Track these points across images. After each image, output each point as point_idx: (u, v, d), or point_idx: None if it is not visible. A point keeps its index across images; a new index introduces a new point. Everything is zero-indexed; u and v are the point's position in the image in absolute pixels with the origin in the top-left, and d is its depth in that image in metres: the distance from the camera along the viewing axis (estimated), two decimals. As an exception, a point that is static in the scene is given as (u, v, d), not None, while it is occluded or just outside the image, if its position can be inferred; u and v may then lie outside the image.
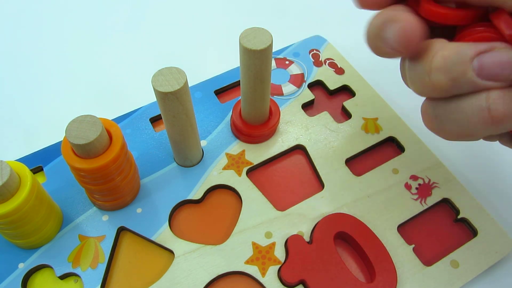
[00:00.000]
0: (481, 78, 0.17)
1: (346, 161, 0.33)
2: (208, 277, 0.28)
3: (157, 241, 0.29)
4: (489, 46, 0.17)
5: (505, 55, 0.17)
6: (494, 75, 0.17)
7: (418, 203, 0.31)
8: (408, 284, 0.28)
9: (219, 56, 0.41)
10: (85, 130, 0.24)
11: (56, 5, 0.47)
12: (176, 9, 0.46)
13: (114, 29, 0.45)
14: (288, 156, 0.34)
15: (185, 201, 0.31)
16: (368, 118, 0.35)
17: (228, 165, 0.32)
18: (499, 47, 0.17)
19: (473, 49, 0.17)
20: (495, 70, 0.17)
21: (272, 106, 0.33)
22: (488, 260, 0.29)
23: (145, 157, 0.33)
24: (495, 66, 0.17)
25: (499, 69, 0.17)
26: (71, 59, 0.42)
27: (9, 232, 0.27)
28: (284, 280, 0.27)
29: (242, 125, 0.32)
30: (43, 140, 0.35)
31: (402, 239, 0.29)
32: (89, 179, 0.27)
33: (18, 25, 0.45)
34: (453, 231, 0.30)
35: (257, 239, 0.29)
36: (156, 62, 0.41)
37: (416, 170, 0.32)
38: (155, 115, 0.35)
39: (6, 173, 0.24)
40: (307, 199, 0.31)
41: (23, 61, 0.42)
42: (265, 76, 0.28)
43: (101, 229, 0.30)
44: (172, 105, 0.26)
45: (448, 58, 0.18)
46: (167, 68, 0.25)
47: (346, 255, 0.29)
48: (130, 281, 0.28)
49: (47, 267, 0.29)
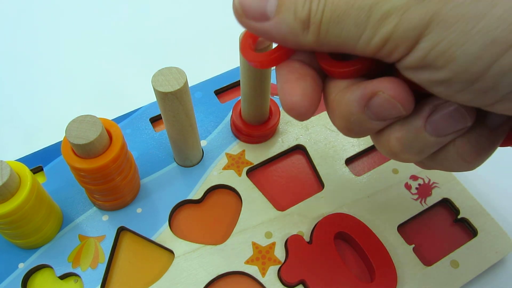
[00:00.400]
0: (375, 119, 0.18)
1: (346, 161, 0.33)
2: (208, 277, 0.28)
3: (157, 241, 0.29)
4: (371, 91, 0.18)
5: (386, 99, 0.18)
6: (384, 116, 0.18)
7: (418, 203, 0.31)
8: (408, 284, 0.28)
9: (219, 56, 0.41)
10: (85, 130, 0.24)
11: (56, 5, 0.47)
12: (176, 9, 0.46)
13: (114, 29, 0.45)
14: (288, 156, 0.34)
15: (185, 201, 0.31)
16: (368, 118, 0.35)
17: (228, 165, 0.32)
18: (381, 90, 0.18)
19: (360, 97, 0.18)
20: (384, 113, 0.18)
21: (272, 106, 0.33)
22: (488, 260, 0.29)
23: (145, 157, 0.33)
24: (383, 109, 0.18)
25: (386, 112, 0.18)
26: (71, 59, 0.42)
27: (9, 232, 0.27)
28: (284, 280, 0.27)
29: (242, 125, 0.32)
30: (43, 140, 0.35)
31: (402, 239, 0.29)
32: (89, 179, 0.27)
33: (18, 26, 0.45)
34: (453, 231, 0.30)
35: (257, 239, 0.29)
36: (156, 62, 0.41)
37: (416, 170, 0.32)
38: (155, 115, 0.35)
39: (6, 173, 0.24)
40: (307, 199, 0.31)
41: (23, 61, 0.42)
42: (265, 76, 0.28)
43: (101, 229, 0.30)
44: (172, 105, 0.26)
45: (346, 111, 0.19)
46: (167, 68, 0.25)
47: (346, 255, 0.29)
48: (130, 281, 0.28)
49: (47, 267, 0.29)
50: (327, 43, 0.17)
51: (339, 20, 0.16)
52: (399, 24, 0.15)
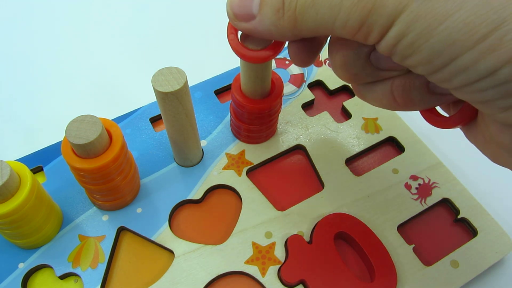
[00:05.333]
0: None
1: (346, 161, 0.33)
2: (208, 277, 0.28)
3: (157, 241, 0.29)
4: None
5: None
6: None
7: (418, 203, 0.31)
8: (408, 284, 0.28)
9: (219, 56, 0.41)
10: (85, 130, 0.24)
11: (56, 5, 0.47)
12: (176, 9, 0.46)
13: (114, 29, 0.45)
14: (288, 156, 0.34)
15: (185, 201, 0.31)
16: (368, 118, 0.35)
17: (228, 165, 0.32)
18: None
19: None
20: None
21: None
22: (488, 260, 0.29)
23: (145, 157, 0.33)
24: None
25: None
26: (71, 59, 0.42)
27: (9, 232, 0.27)
28: (284, 280, 0.27)
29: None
30: (43, 140, 0.35)
31: (402, 239, 0.29)
32: (89, 179, 0.27)
33: (18, 26, 0.45)
34: (453, 231, 0.30)
35: (257, 239, 0.29)
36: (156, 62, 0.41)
37: (416, 170, 0.32)
38: (155, 115, 0.35)
39: (6, 173, 0.24)
40: (307, 199, 0.31)
41: (23, 61, 0.42)
42: (265, 75, 0.28)
43: (101, 229, 0.30)
44: (172, 105, 0.26)
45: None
46: (167, 68, 0.25)
47: (346, 255, 0.29)
48: (130, 281, 0.28)
49: (47, 267, 0.29)
50: (305, 27, 0.19)
51: (313, 3, 0.18)
52: (373, 10, 0.16)
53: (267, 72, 0.28)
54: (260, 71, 0.27)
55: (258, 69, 0.27)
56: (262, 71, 0.27)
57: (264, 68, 0.27)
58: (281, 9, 0.19)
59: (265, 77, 0.28)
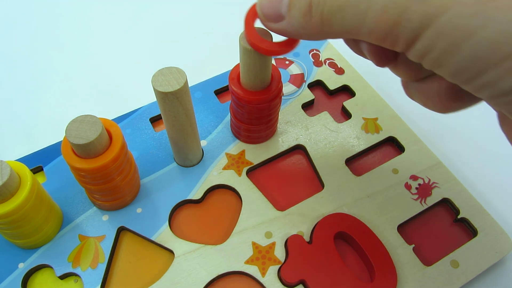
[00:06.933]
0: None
1: (346, 161, 0.33)
2: (208, 277, 0.28)
3: (157, 241, 0.29)
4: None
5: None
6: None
7: (418, 203, 0.31)
8: (408, 284, 0.28)
9: (219, 56, 0.41)
10: (85, 130, 0.24)
11: (56, 5, 0.47)
12: (176, 9, 0.46)
13: (114, 29, 0.45)
14: (288, 156, 0.34)
15: (185, 201, 0.31)
16: (368, 118, 0.35)
17: (228, 165, 0.32)
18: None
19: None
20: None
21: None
22: (488, 260, 0.29)
23: (145, 157, 0.33)
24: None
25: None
26: (71, 59, 0.42)
27: (9, 232, 0.27)
28: (284, 280, 0.27)
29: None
30: (43, 140, 0.35)
31: (402, 239, 0.29)
32: (89, 179, 0.27)
33: (18, 26, 0.45)
34: (453, 231, 0.30)
35: (257, 239, 0.29)
36: (156, 62, 0.41)
37: (416, 170, 0.32)
38: (155, 115, 0.35)
39: (6, 173, 0.24)
40: (307, 199, 0.31)
41: (23, 61, 0.42)
42: (265, 75, 0.28)
43: (101, 229, 0.30)
44: (172, 105, 0.26)
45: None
46: (167, 68, 0.25)
47: (346, 255, 0.29)
48: (130, 281, 0.28)
49: (47, 267, 0.29)
50: (332, 32, 0.19)
51: (339, 9, 0.18)
52: (397, 22, 0.17)
53: (268, 62, 0.28)
54: (264, 61, 0.27)
55: (262, 60, 0.27)
56: (266, 61, 0.27)
57: (267, 58, 0.27)
58: (308, 13, 0.19)
59: (266, 67, 0.28)
